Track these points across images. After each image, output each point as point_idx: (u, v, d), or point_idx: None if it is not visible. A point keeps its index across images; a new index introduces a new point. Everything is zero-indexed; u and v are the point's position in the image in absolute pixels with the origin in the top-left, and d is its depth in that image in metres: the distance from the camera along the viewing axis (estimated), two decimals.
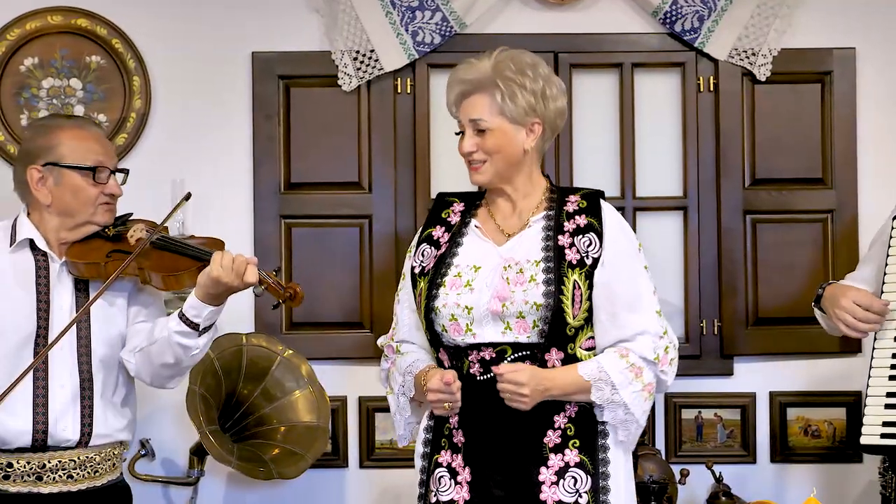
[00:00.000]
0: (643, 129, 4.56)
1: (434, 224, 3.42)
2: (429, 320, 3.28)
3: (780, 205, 4.52)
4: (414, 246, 3.42)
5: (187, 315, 3.31)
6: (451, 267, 3.30)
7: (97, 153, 3.46)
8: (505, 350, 3.22)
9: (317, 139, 4.51)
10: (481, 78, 3.29)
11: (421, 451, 3.37)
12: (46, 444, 3.36)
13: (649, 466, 4.25)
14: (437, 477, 3.29)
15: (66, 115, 3.78)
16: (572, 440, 3.24)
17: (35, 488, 3.37)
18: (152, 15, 4.50)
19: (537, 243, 3.28)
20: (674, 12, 4.45)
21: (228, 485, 4.49)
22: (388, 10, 4.44)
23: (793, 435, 4.56)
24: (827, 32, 4.54)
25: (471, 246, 3.34)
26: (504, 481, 3.23)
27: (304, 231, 4.52)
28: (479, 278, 3.26)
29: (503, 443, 3.22)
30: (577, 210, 3.33)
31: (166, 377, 3.48)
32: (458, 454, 3.27)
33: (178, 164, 4.47)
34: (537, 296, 3.20)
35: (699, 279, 4.52)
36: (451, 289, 3.26)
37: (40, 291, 3.42)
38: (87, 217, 3.46)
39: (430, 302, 3.27)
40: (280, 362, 4.27)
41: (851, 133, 4.52)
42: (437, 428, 3.34)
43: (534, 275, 3.23)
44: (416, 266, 3.37)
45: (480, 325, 3.23)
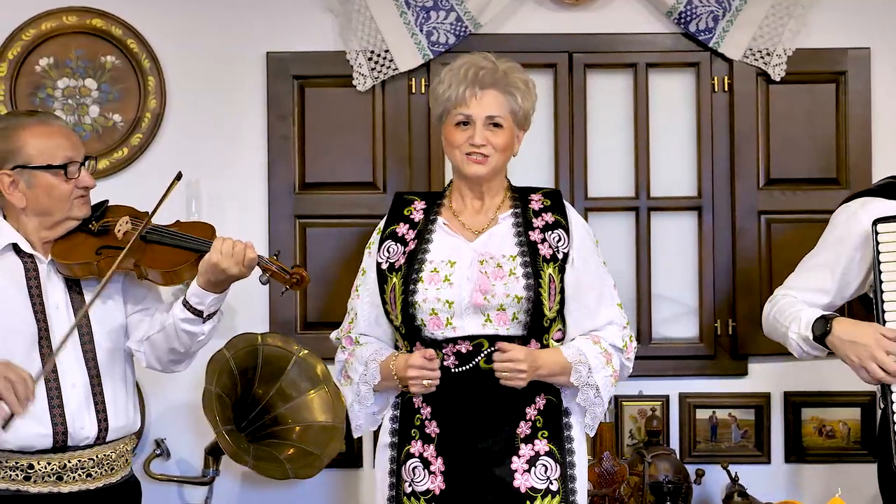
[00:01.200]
0: (657, 130, 4.56)
1: (396, 221, 3.49)
2: (407, 315, 3.35)
3: (794, 205, 4.52)
4: (376, 243, 3.50)
5: (190, 303, 3.33)
6: (426, 263, 3.39)
7: (65, 148, 3.40)
8: (482, 343, 3.33)
9: (331, 139, 4.52)
10: (499, 76, 3.40)
11: (388, 441, 3.43)
12: (67, 444, 3.36)
13: (664, 466, 4.26)
14: (409, 468, 3.37)
15: (27, 113, 3.66)
16: (541, 431, 3.38)
17: (55, 488, 3.37)
18: (167, 15, 4.50)
19: (510, 239, 3.42)
20: (688, 12, 4.45)
21: (243, 484, 4.50)
22: (403, 10, 4.44)
23: (807, 435, 4.55)
24: (841, 32, 4.53)
25: (441, 242, 3.43)
26: (478, 470, 3.32)
27: (319, 231, 4.52)
28: (456, 273, 3.36)
29: (477, 434, 3.33)
30: (542, 208, 3.49)
31: (175, 362, 3.51)
32: (431, 444, 3.36)
33: (192, 164, 4.46)
34: (518, 289, 3.33)
35: (713, 279, 4.53)
36: (429, 283, 3.35)
37: (33, 294, 3.39)
38: (65, 214, 3.42)
39: (409, 297, 3.34)
40: (295, 362, 4.27)
41: (866, 133, 4.52)
42: (404, 419, 3.41)
43: (512, 269, 3.36)
44: (381, 262, 3.43)
45: (461, 318, 3.33)
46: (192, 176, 4.42)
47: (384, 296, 3.41)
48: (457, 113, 3.40)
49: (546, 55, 4.49)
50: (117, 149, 4.49)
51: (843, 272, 3.59)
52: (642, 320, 4.53)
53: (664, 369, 4.52)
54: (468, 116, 3.38)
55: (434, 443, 3.35)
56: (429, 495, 3.34)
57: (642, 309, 4.53)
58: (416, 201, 3.54)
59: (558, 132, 4.52)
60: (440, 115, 3.46)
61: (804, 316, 3.56)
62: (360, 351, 3.45)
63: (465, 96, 3.38)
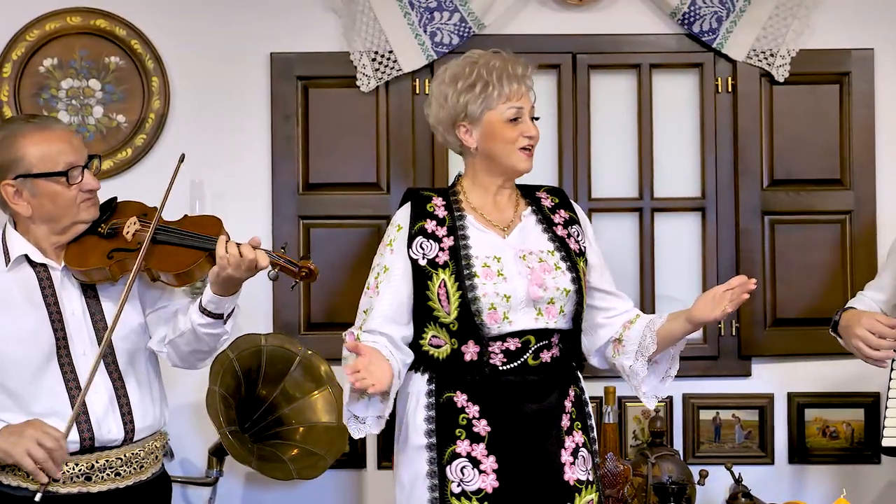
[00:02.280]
0: (661, 130, 4.57)
1: (422, 218, 3.47)
2: (467, 310, 3.34)
3: (798, 206, 4.52)
4: (401, 239, 3.45)
5: (208, 308, 3.31)
6: (474, 258, 3.39)
7: (66, 153, 3.34)
8: (529, 340, 3.37)
9: (335, 140, 4.52)
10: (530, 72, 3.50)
11: (424, 443, 3.40)
12: (94, 445, 3.35)
13: (668, 467, 4.26)
14: (457, 467, 3.36)
15: (25, 118, 3.54)
16: (576, 422, 3.48)
17: (84, 488, 3.36)
18: (171, 16, 4.51)
19: (540, 234, 3.48)
20: (692, 13, 4.45)
21: (247, 485, 4.50)
22: (407, 10, 4.44)
23: (811, 436, 4.55)
24: (845, 33, 4.54)
25: (478, 238, 3.44)
26: (531, 466, 3.36)
27: (323, 231, 4.52)
28: (505, 268, 3.39)
29: (528, 430, 3.36)
30: (554, 205, 3.56)
31: (200, 360, 3.49)
32: (480, 443, 3.36)
33: (196, 165, 4.42)
34: (566, 282, 3.42)
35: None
36: (486, 279, 3.36)
37: (49, 304, 3.35)
38: (72, 218, 3.37)
39: (469, 292, 3.34)
40: (299, 363, 4.27)
41: (870, 134, 4.52)
42: (445, 419, 3.38)
43: (556, 263, 3.43)
44: (418, 258, 3.41)
45: (516, 312, 3.36)
46: (196, 176, 4.42)
47: (427, 292, 3.39)
48: (508, 108, 3.41)
49: (550, 56, 4.49)
50: (121, 149, 4.49)
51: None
52: None
53: None
54: (520, 110, 3.42)
55: (484, 441, 3.36)
56: (481, 494, 3.34)
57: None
58: (434, 197, 3.52)
59: (562, 133, 4.52)
60: (478, 114, 3.42)
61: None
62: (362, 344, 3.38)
63: (518, 91, 3.42)
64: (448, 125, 3.49)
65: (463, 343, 3.38)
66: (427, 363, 3.44)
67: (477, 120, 3.43)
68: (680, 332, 3.51)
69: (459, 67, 3.46)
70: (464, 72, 3.44)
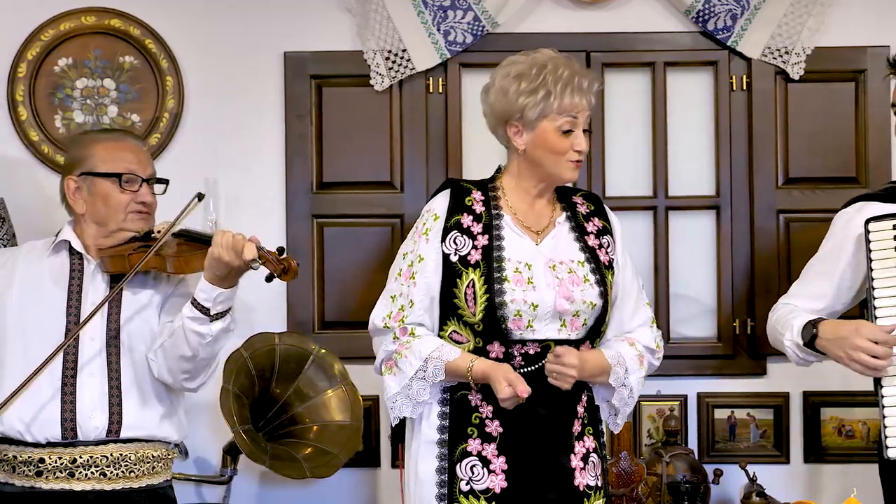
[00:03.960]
0: (675, 129, 4.56)
1: (459, 211, 3.43)
2: (493, 314, 3.32)
3: (813, 204, 4.50)
4: (436, 230, 3.41)
5: (198, 299, 3.35)
6: (506, 262, 3.36)
7: (128, 161, 3.54)
8: (549, 346, 3.33)
9: (349, 139, 4.52)
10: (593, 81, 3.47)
11: (436, 438, 3.39)
12: (77, 437, 3.38)
13: (682, 466, 4.25)
14: (466, 466, 3.35)
15: (109, 129, 3.90)
16: (587, 427, 3.46)
17: (68, 485, 3.39)
18: (185, 15, 4.52)
19: (572, 244, 3.44)
20: (706, 11, 4.44)
21: (261, 484, 4.51)
22: (420, 9, 4.44)
23: (826, 435, 4.54)
24: (860, 30, 4.52)
25: (512, 241, 3.41)
26: (540, 469, 3.35)
27: (336, 230, 4.53)
28: (536, 276, 3.36)
29: (540, 433, 3.35)
30: (589, 212, 3.53)
31: (185, 372, 3.46)
32: (492, 443, 3.35)
33: (210, 164, 4.49)
34: (594, 296, 3.39)
35: (732, 279, 4.51)
36: (516, 285, 3.33)
37: (72, 290, 3.49)
38: (119, 224, 3.52)
39: (497, 296, 3.31)
40: (313, 361, 4.27)
41: (885, 132, 4.49)
42: (458, 416, 3.38)
43: (585, 275, 3.40)
44: (450, 253, 3.38)
45: (541, 322, 3.34)
46: (210, 176, 4.44)
47: (455, 289, 3.36)
48: (564, 119, 3.36)
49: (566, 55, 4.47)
50: None
51: (840, 277, 3.59)
52: (660, 320, 4.50)
53: (682, 369, 4.51)
54: (575, 122, 3.38)
55: (496, 441, 3.35)
56: (489, 493, 3.34)
57: (660, 308, 4.52)
58: (473, 191, 3.47)
59: None
60: (534, 119, 3.37)
61: (796, 323, 3.56)
62: (419, 344, 3.35)
63: (577, 104, 3.38)
64: (501, 119, 3.44)
65: (488, 343, 3.36)
66: None
67: (531, 124, 3.38)
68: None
69: (527, 67, 3.40)
70: (530, 73, 3.38)
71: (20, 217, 4.24)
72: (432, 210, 3.45)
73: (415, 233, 3.46)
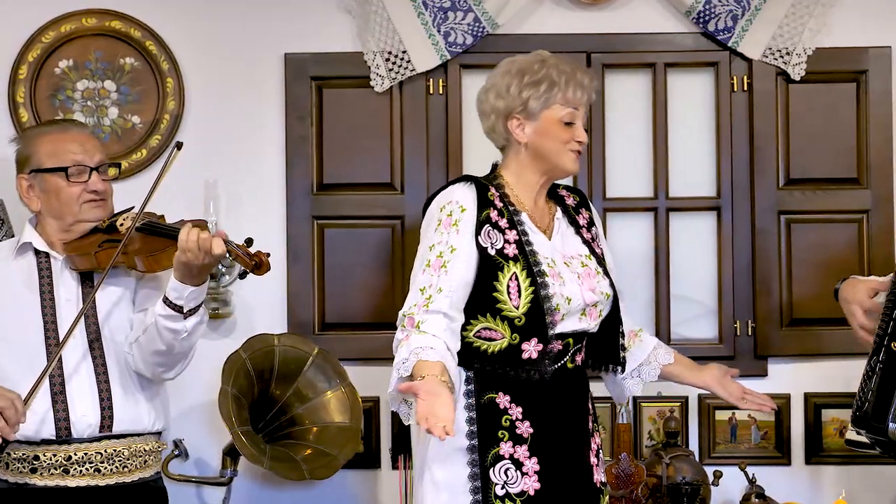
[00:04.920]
0: (676, 130, 4.55)
1: (487, 205, 3.41)
2: (538, 308, 3.33)
3: (814, 205, 4.50)
4: (469, 223, 3.36)
5: (170, 297, 3.35)
6: (539, 256, 3.40)
7: (73, 152, 3.51)
8: (569, 343, 3.40)
9: (349, 140, 4.52)
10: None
11: (466, 445, 3.33)
12: (70, 434, 3.40)
13: (682, 468, 4.24)
14: (500, 470, 3.34)
15: (53, 121, 3.85)
16: (595, 424, 3.56)
17: (62, 482, 3.41)
18: (185, 17, 4.52)
19: (573, 238, 3.53)
20: (707, 12, 4.43)
21: (261, 485, 4.50)
22: (420, 10, 4.44)
23: (828, 436, 4.53)
24: (862, 31, 4.51)
25: (534, 237, 3.45)
26: (569, 468, 3.40)
27: (337, 232, 4.53)
28: (561, 271, 3.42)
29: (566, 432, 3.41)
30: (577, 204, 3.61)
31: (161, 365, 3.47)
32: (523, 445, 3.36)
33: (211, 165, 4.49)
34: (607, 286, 3.49)
35: (733, 280, 4.50)
36: (553, 279, 3.38)
37: (44, 290, 3.50)
38: (75, 216, 3.52)
39: (542, 289, 3.34)
40: (312, 362, 4.27)
41: (887, 132, 4.49)
42: (487, 420, 3.35)
43: (596, 268, 3.48)
44: (487, 247, 3.36)
45: (571, 315, 3.40)
46: (211, 177, 4.44)
47: (496, 283, 3.35)
48: (566, 111, 3.43)
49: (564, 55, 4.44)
50: (136, 150, 4.51)
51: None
52: (661, 321, 4.51)
53: None
54: (575, 114, 3.46)
55: (527, 443, 3.36)
56: (524, 496, 3.34)
57: (661, 309, 4.51)
58: (490, 186, 3.47)
59: None
60: (537, 111, 3.43)
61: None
62: (416, 338, 3.26)
63: (581, 99, 3.46)
64: (502, 115, 3.47)
65: (525, 339, 3.35)
66: (469, 356, 3.36)
67: (534, 115, 3.43)
68: (688, 381, 3.76)
69: (528, 63, 3.47)
70: (532, 68, 3.46)
71: (20, 219, 4.24)
72: (457, 202, 3.39)
73: (439, 224, 3.38)
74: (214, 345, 4.40)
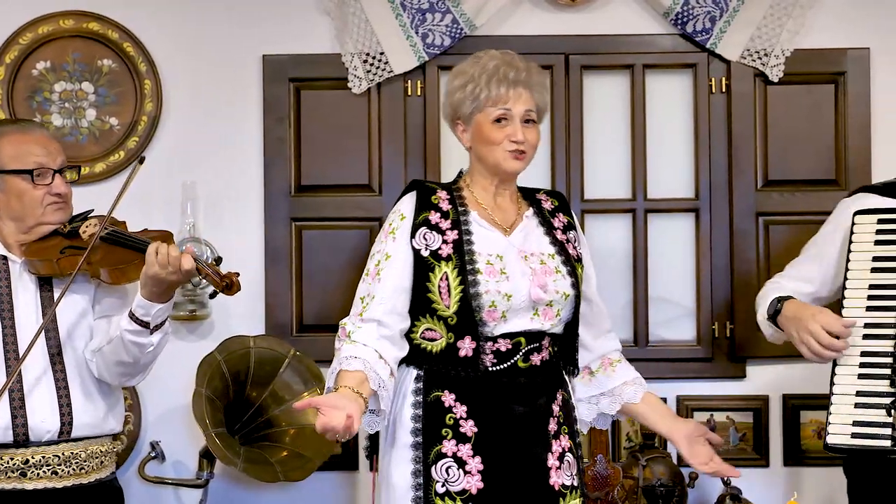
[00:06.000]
0: (655, 131, 4.55)
1: (426, 209, 3.43)
2: (467, 306, 3.32)
3: (793, 206, 4.49)
4: (404, 228, 3.41)
5: (136, 314, 3.35)
6: (477, 254, 3.37)
7: (37, 155, 3.49)
8: (520, 342, 3.36)
9: (327, 142, 4.52)
10: (531, 75, 3.44)
11: (411, 442, 3.37)
12: (28, 439, 3.39)
13: (658, 469, 4.23)
14: (442, 467, 3.34)
15: (12, 121, 3.81)
16: (563, 426, 3.46)
17: (20, 484, 3.40)
18: (163, 18, 4.52)
19: (542, 237, 3.47)
20: (685, 13, 4.42)
21: (239, 487, 4.50)
22: (399, 12, 4.43)
23: (806, 438, 4.52)
24: (840, 32, 4.50)
25: (482, 235, 3.42)
26: (516, 469, 3.35)
27: (315, 233, 4.52)
28: (508, 267, 3.37)
29: (515, 432, 3.35)
30: (554, 209, 3.55)
31: (126, 375, 3.49)
32: (467, 444, 3.35)
33: (189, 167, 4.49)
34: (566, 286, 3.42)
35: (711, 281, 4.50)
36: (489, 276, 3.34)
37: (1, 294, 3.47)
38: (37, 219, 3.50)
39: (471, 287, 3.32)
40: (288, 364, 4.28)
41: (866, 134, 4.48)
42: (432, 418, 3.37)
43: (557, 266, 3.42)
44: (420, 248, 3.38)
45: (516, 313, 3.35)
46: (189, 179, 4.44)
47: (428, 283, 3.36)
48: (495, 110, 3.38)
49: (542, 57, 4.44)
50: (114, 152, 4.50)
51: (829, 263, 3.62)
52: (639, 322, 4.51)
53: (661, 372, 4.49)
54: (507, 113, 3.38)
55: (471, 442, 3.35)
56: (465, 495, 3.33)
57: (640, 311, 4.51)
58: (438, 190, 3.49)
59: (555, 134, 4.51)
60: (469, 113, 3.42)
61: (770, 298, 3.60)
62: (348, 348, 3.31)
63: (506, 94, 3.38)
64: (450, 121, 3.51)
65: (459, 338, 3.36)
66: (417, 357, 3.40)
67: (468, 119, 3.43)
68: (654, 429, 3.65)
69: (464, 66, 3.46)
70: (465, 70, 3.44)
71: None
72: (398, 210, 3.46)
73: (381, 234, 3.46)
74: (192, 347, 4.40)
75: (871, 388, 3.41)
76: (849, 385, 3.45)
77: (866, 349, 3.43)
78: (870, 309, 3.45)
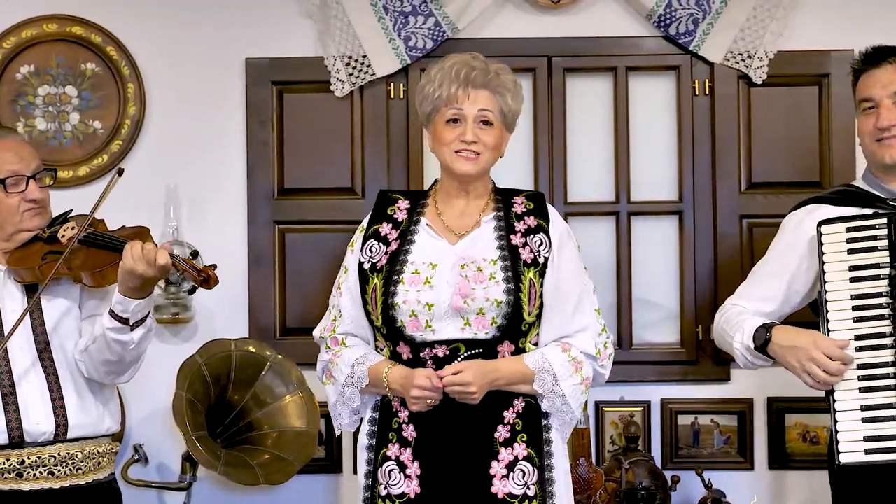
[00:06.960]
0: (638, 134, 4.54)
1: (379, 220, 3.46)
2: (388, 316, 3.33)
3: (776, 208, 4.45)
4: (358, 241, 3.47)
5: (115, 311, 3.35)
6: (407, 264, 3.36)
7: (9, 162, 3.47)
8: (458, 348, 3.31)
9: (310, 145, 4.52)
10: (491, 77, 3.40)
11: (366, 443, 3.41)
12: (24, 440, 3.39)
13: (640, 473, 4.23)
14: (385, 470, 3.36)
15: None
16: (520, 434, 3.35)
17: (16, 485, 3.40)
18: (146, 22, 4.53)
19: (492, 242, 3.40)
20: (668, 15, 4.42)
21: (222, 490, 4.50)
22: (381, 15, 4.44)
23: (791, 441, 4.51)
24: (824, 34, 4.50)
25: (424, 244, 3.40)
26: (455, 475, 3.31)
27: (298, 236, 4.53)
28: (437, 275, 3.34)
29: (454, 438, 3.31)
30: (525, 211, 3.46)
31: (113, 373, 3.49)
32: (408, 448, 3.35)
33: (172, 170, 4.50)
34: (498, 293, 3.31)
35: (695, 284, 4.50)
36: (410, 285, 3.33)
37: None
38: (16, 226, 3.50)
39: (389, 298, 3.32)
40: (270, 367, 4.28)
41: (850, 136, 4.45)
42: (383, 421, 3.40)
43: (493, 273, 3.33)
44: (364, 262, 3.41)
45: (441, 321, 3.31)
46: (172, 182, 4.45)
47: (365, 296, 3.39)
48: (448, 110, 3.37)
49: (525, 59, 4.48)
50: (97, 155, 4.51)
51: (791, 280, 3.58)
52: (623, 325, 4.50)
53: (645, 375, 4.49)
54: (459, 113, 3.36)
55: (411, 446, 3.35)
56: (404, 499, 3.33)
57: (623, 314, 4.50)
58: (399, 200, 3.51)
59: (538, 136, 4.51)
60: (428, 114, 3.42)
61: (747, 325, 3.53)
62: (347, 353, 3.41)
63: (458, 94, 3.36)
64: (423, 125, 3.52)
65: (395, 346, 3.37)
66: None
67: (428, 122, 3.44)
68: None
69: (430, 68, 3.47)
70: (429, 73, 3.45)
71: None
72: (362, 223, 3.51)
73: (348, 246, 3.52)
74: (176, 350, 4.41)
75: (877, 400, 3.36)
76: (852, 400, 3.38)
77: (863, 361, 3.38)
78: (858, 320, 3.40)
